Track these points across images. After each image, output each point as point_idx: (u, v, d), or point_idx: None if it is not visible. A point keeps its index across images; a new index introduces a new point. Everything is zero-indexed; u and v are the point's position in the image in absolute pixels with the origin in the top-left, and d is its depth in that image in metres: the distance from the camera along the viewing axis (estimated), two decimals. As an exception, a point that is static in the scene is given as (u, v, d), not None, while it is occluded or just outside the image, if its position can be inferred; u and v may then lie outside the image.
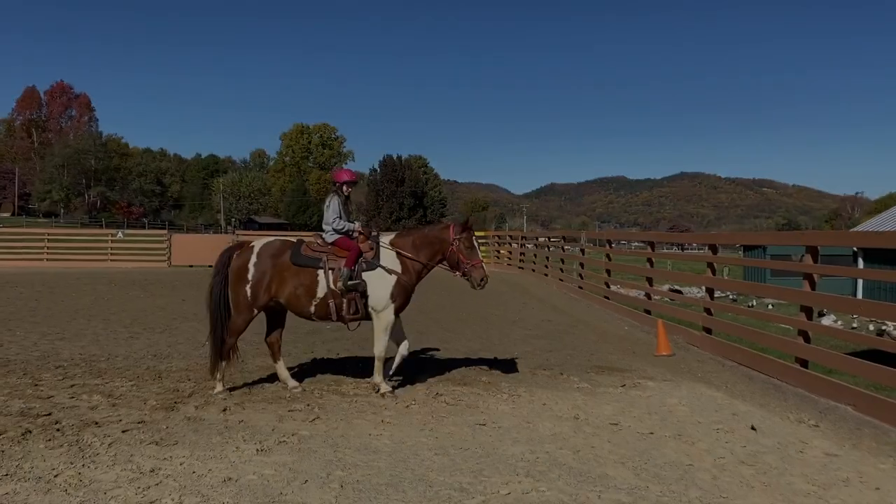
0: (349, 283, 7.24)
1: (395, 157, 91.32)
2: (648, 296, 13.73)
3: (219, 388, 7.34)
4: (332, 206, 7.60)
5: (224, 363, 7.43)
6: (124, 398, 7.02)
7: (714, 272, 10.91)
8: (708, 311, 10.82)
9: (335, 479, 4.85)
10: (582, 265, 19.13)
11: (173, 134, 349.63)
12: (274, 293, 7.40)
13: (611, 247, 16.83)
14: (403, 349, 7.68)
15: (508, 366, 8.93)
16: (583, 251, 19.74)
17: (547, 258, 23.89)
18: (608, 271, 16.43)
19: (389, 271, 7.35)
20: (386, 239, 7.62)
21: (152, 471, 4.90)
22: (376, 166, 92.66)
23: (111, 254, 30.21)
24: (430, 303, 15.68)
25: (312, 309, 7.41)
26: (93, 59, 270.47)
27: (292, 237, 8.17)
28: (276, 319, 7.82)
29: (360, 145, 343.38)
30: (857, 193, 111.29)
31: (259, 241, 7.74)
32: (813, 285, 8.12)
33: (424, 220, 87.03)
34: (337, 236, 7.52)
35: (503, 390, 7.68)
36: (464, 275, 7.42)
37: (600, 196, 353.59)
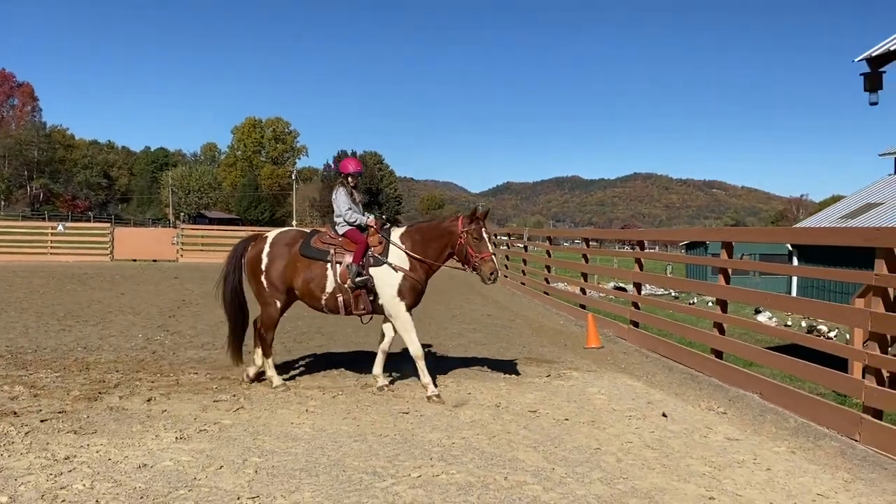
0: (357, 279, 7.08)
1: (349, 152, 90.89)
2: (584, 291, 14.07)
3: (276, 381, 7.36)
4: (339, 198, 7.42)
5: (270, 359, 7.50)
6: (47, 389, 6.98)
7: (641, 268, 11.27)
8: (635, 305, 11.17)
9: (250, 465, 4.95)
10: (525, 262, 19.47)
11: (122, 126, 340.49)
12: (289, 283, 7.32)
13: (551, 244, 17.19)
14: (385, 345, 7.51)
15: (441, 358, 9.11)
16: (525, 248, 20.07)
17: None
18: (548, 267, 16.77)
19: (396, 268, 7.14)
20: (396, 234, 7.40)
21: (67, 458, 4.94)
22: (330, 162, 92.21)
23: (51, 247, 29.52)
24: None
25: (323, 303, 7.28)
26: (37, 47, 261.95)
27: (306, 228, 8.07)
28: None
29: (315, 140, 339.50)
30: (802, 196, 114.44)
31: (273, 231, 7.71)
32: (727, 279, 8.49)
33: (380, 217, 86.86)
34: (348, 228, 7.37)
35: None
36: (474, 269, 7.16)
37: (556, 195, 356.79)
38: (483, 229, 7.13)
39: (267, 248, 7.42)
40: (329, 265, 7.21)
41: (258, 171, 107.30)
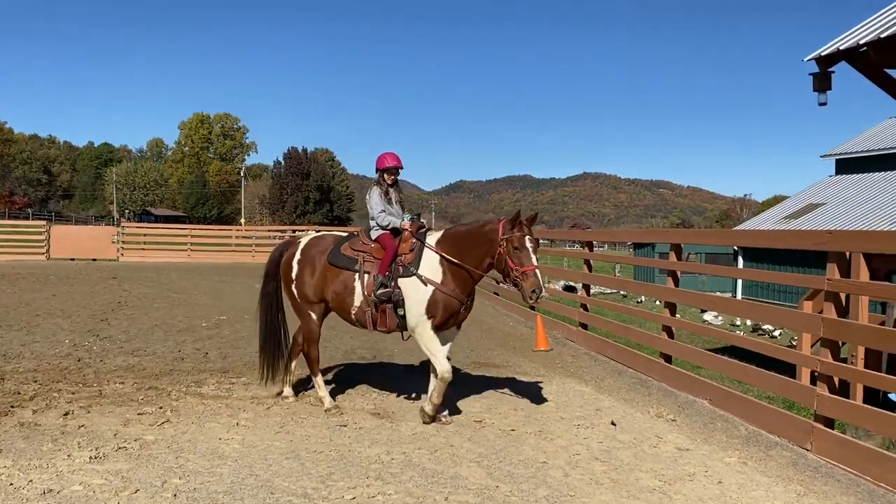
0: (379, 292, 6.28)
1: (300, 149, 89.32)
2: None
3: (328, 403, 6.69)
4: (372, 199, 6.67)
5: (318, 377, 6.92)
6: (-47, 403, 6.40)
7: (590, 269, 11.11)
8: (584, 307, 11.00)
9: (169, 488, 4.54)
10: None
11: (64, 121, 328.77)
12: (321, 294, 6.68)
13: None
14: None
15: (386, 365, 8.78)
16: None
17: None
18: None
19: (426, 281, 6.21)
20: (433, 239, 6.44)
21: (-38, 484, 4.45)
22: (280, 158, 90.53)
23: (-19, 246, 28.14)
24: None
25: (353, 317, 6.59)
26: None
27: (342, 231, 7.46)
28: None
29: (264, 137, 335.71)
30: (745, 195, 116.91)
31: (306, 237, 7.12)
32: (676, 282, 8.34)
33: (331, 215, 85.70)
34: (380, 232, 6.56)
35: (374, 389, 7.51)
36: (514, 284, 6.11)
37: (508, 194, 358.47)
38: (527, 237, 6.01)
39: (298, 255, 6.83)
40: (357, 275, 6.48)
41: (206, 168, 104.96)
